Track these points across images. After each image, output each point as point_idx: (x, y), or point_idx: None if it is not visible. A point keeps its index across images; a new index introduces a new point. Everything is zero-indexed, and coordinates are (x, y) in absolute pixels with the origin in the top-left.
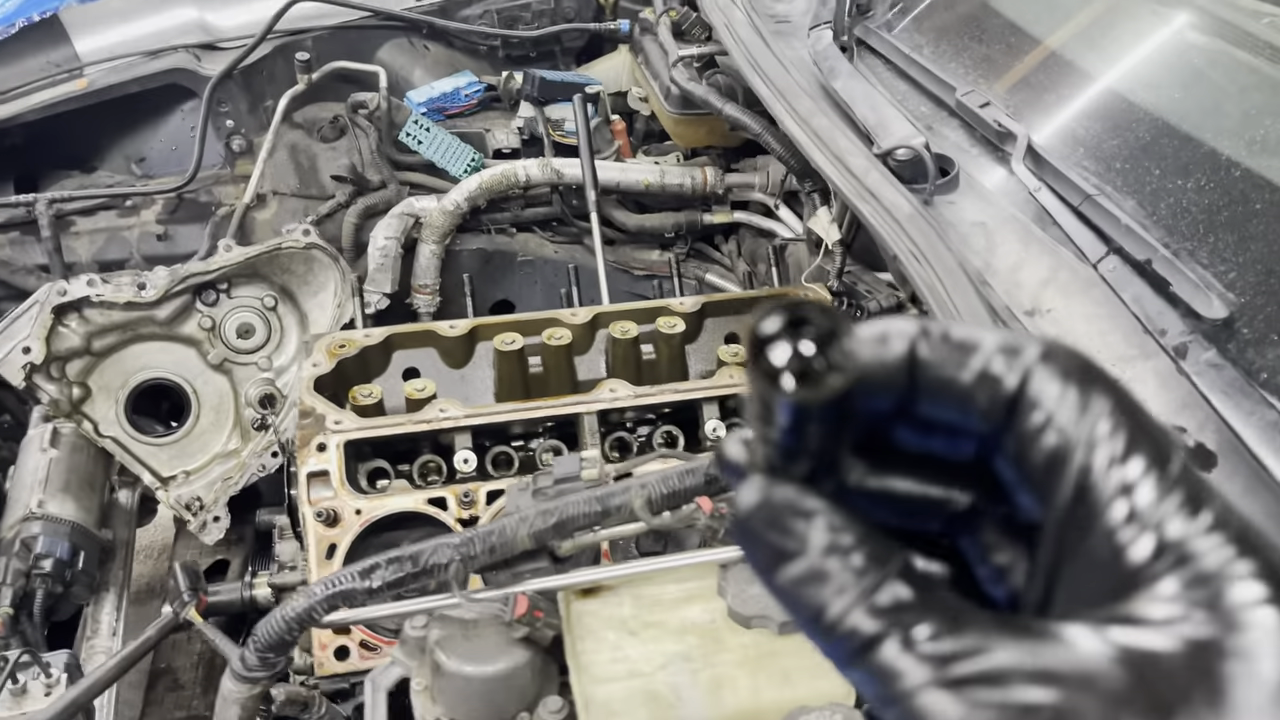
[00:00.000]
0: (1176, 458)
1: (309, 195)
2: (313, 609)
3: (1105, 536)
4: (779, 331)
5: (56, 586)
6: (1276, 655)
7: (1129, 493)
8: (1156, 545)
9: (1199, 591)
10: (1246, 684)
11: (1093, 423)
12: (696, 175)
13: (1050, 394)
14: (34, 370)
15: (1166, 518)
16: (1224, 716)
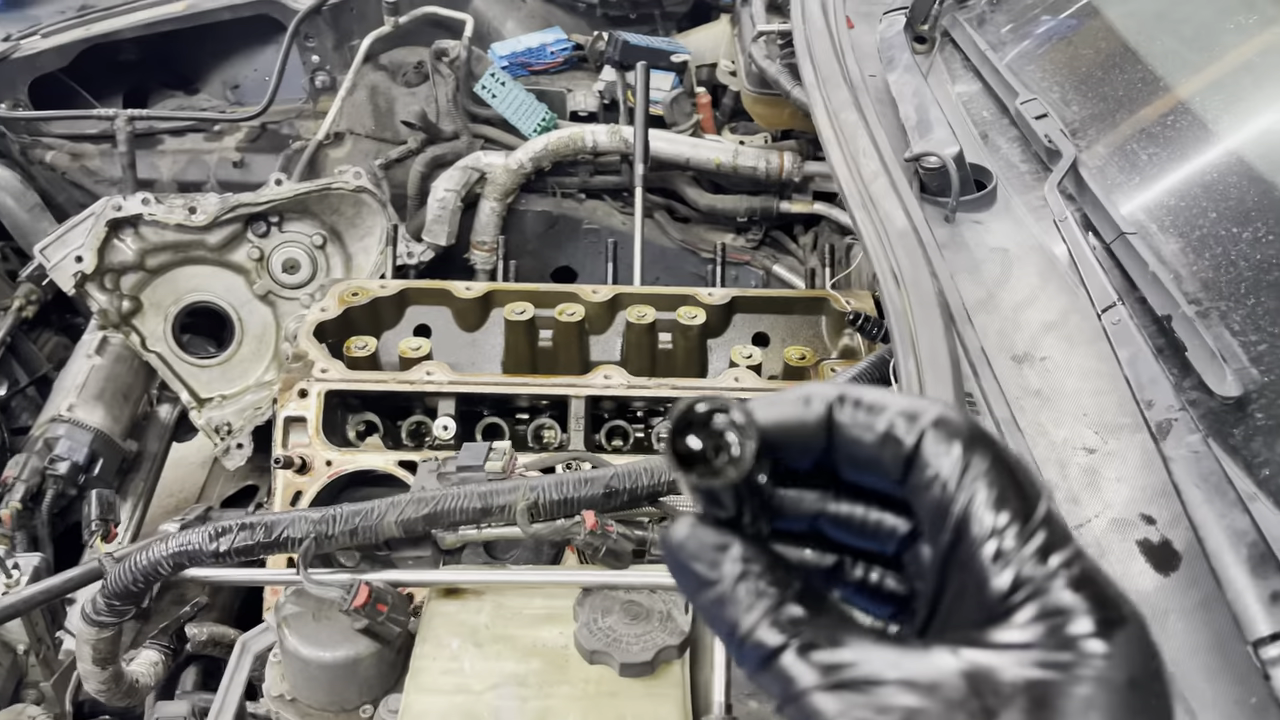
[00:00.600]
0: (1040, 508)
1: (383, 138)
2: (159, 563)
3: (975, 573)
4: (688, 426)
5: (69, 489)
6: (1097, 680)
7: (996, 538)
8: (1014, 581)
9: (1045, 622)
10: (1068, 699)
11: (971, 479)
12: (773, 159)
13: (938, 454)
14: (85, 279)
15: (1025, 560)
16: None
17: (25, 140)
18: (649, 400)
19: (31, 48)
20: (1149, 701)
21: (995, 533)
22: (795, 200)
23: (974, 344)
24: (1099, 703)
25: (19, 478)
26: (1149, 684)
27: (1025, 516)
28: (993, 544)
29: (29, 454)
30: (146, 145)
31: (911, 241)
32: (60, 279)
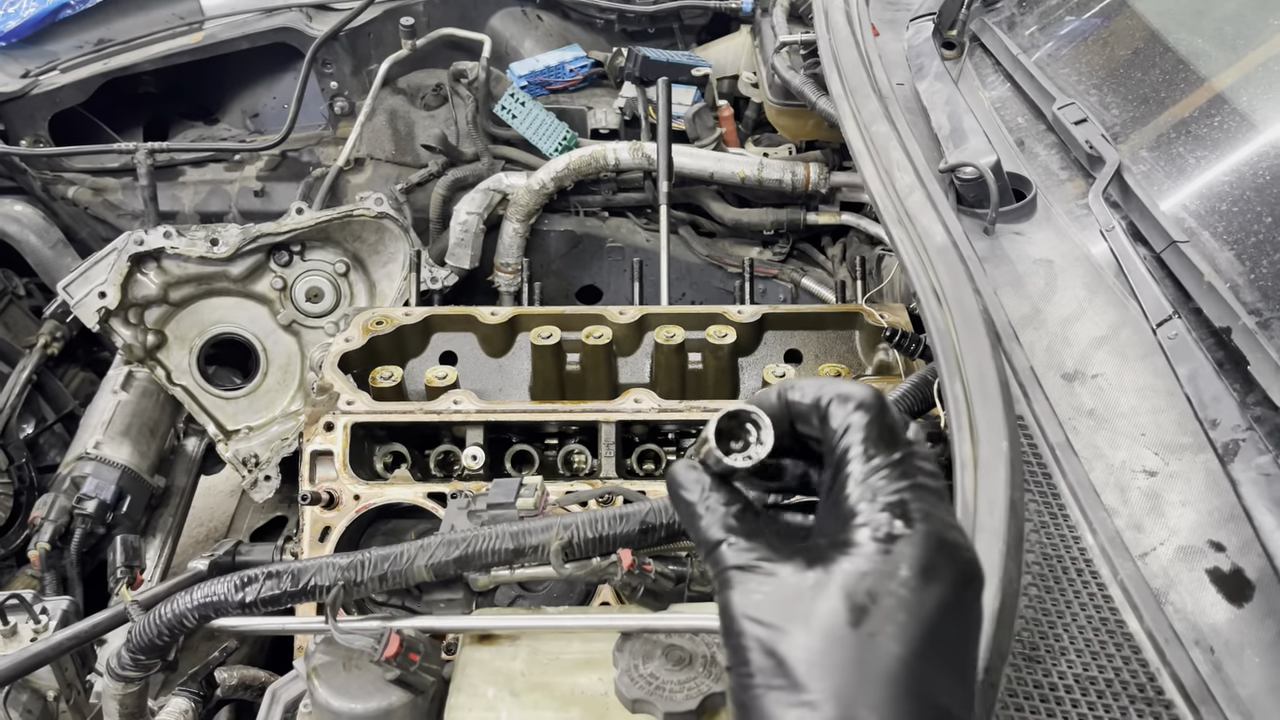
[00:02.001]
0: (893, 456)
1: (404, 162)
2: (184, 616)
3: (836, 495)
4: (720, 435)
5: (97, 528)
6: (869, 570)
7: (853, 473)
8: (851, 504)
9: (857, 531)
10: (846, 577)
11: (851, 433)
12: (799, 171)
13: (835, 415)
14: (109, 315)
15: (864, 488)
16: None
17: (47, 176)
18: (680, 423)
19: (51, 83)
20: (898, 587)
21: (853, 470)
22: (822, 211)
23: (1022, 363)
24: (858, 573)
25: (47, 518)
26: (905, 574)
27: (876, 457)
28: (849, 477)
29: (56, 493)
30: (168, 177)
31: (952, 257)
32: (84, 315)
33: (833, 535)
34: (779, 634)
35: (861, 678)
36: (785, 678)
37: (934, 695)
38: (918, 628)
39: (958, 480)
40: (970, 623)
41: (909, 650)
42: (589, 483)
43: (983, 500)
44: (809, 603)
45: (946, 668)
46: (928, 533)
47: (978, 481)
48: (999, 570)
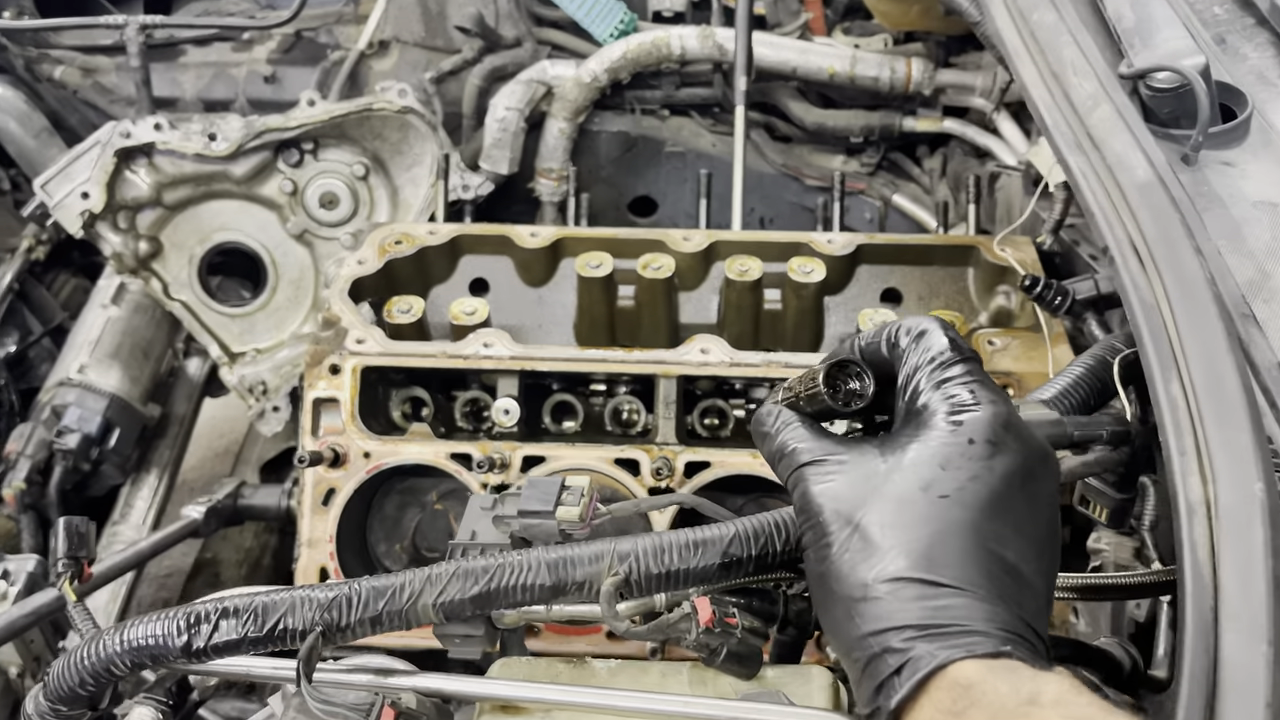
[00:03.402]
0: (951, 359)
1: (434, 47)
2: (111, 661)
3: (908, 398)
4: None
5: (81, 464)
6: (937, 444)
7: (919, 379)
8: (921, 401)
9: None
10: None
11: (917, 350)
12: (899, 67)
13: (903, 337)
14: (95, 218)
15: (931, 390)
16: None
17: (31, 54)
18: (753, 379)
19: None
20: (969, 454)
21: (922, 377)
22: (922, 116)
23: (1262, 353)
24: (930, 449)
25: (23, 452)
26: (974, 443)
27: (940, 365)
28: (920, 383)
29: (35, 423)
30: (167, 57)
31: (1160, 198)
32: (65, 219)
33: (908, 429)
34: (856, 507)
35: (932, 532)
36: (862, 541)
37: (1001, 551)
38: (986, 491)
39: (1182, 531)
40: (1041, 498)
41: (978, 511)
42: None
43: (1228, 571)
44: (884, 478)
45: (1016, 532)
46: (995, 411)
47: (1216, 540)
48: (1265, 687)
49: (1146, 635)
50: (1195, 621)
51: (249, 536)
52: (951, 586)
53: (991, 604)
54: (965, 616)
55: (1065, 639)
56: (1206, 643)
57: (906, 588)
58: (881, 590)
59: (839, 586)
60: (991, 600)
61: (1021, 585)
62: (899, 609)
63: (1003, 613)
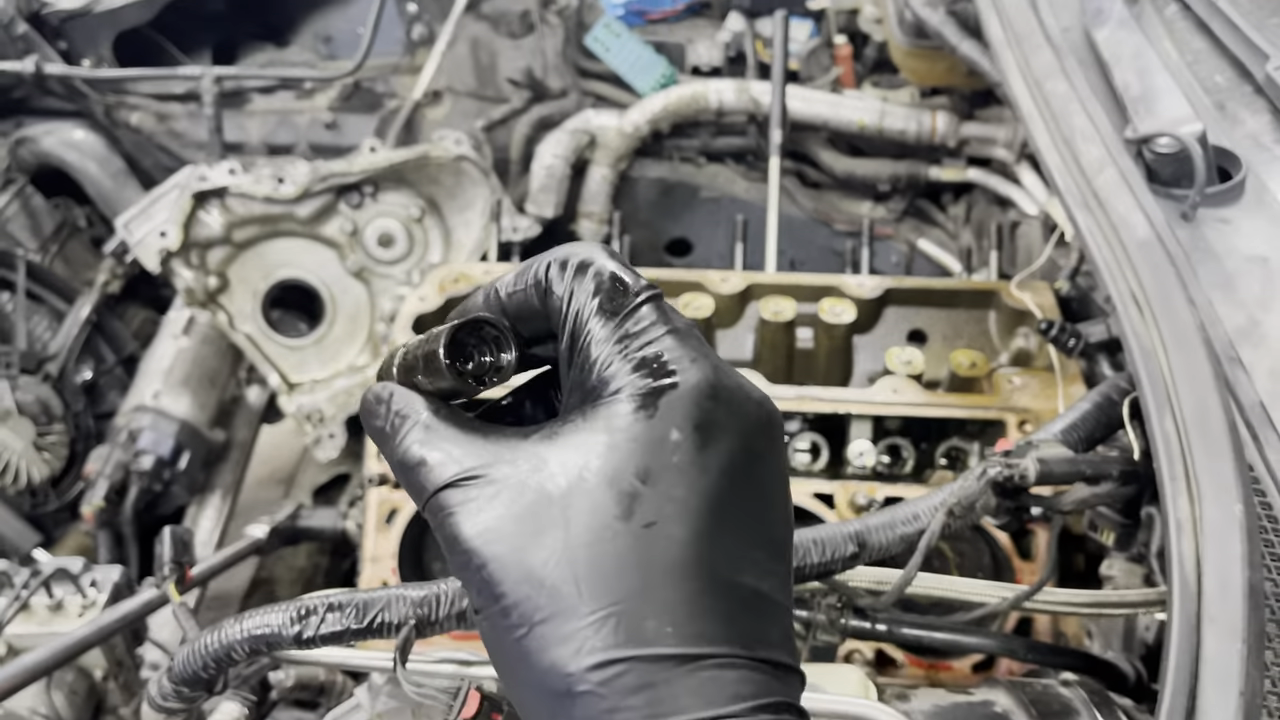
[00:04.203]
0: (628, 304)
1: (485, 96)
2: (232, 648)
3: (579, 364)
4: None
5: (154, 485)
6: (620, 428)
7: (591, 335)
8: (599, 369)
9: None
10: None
11: (578, 293)
12: (925, 120)
13: (555, 279)
14: (170, 256)
15: (609, 351)
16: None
17: (109, 100)
18: (787, 414)
19: (115, 0)
20: (672, 454)
21: (593, 330)
22: (947, 166)
23: (1246, 393)
24: (621, 452)
25: (102, 473)
26: (676, 437)
27: (613, 314)
28: (590, 339)
29: (112, 446)
30: (234, 105)
31: (1158, 255)
32: (145, 257)
33: (583, 415)
34: (529, 553)
35: (644, 581)
36: (551, 606)
37: (735, 577)
38: (703, 500)
39: (1172, 548)
40: (769, 479)
41: (697, 534)
42: None
43: (1211, 581)
44: (564, 503)
45: (748, 540)
46: (697, 382)
47: (1201, 554)
48: (1239, 678)
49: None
50: (1180, 624)
51: (302, 557)
52: (683, 656)
53: (738, 668)
54: (707, 702)
55: (1078, 651)
56: (1190, 643)
57: (628, 673)
58: (590, 682)
59: (530, 674)
60: (737, 662)
61: (767, 612)
62: (619, 705)
63: (754, 675)
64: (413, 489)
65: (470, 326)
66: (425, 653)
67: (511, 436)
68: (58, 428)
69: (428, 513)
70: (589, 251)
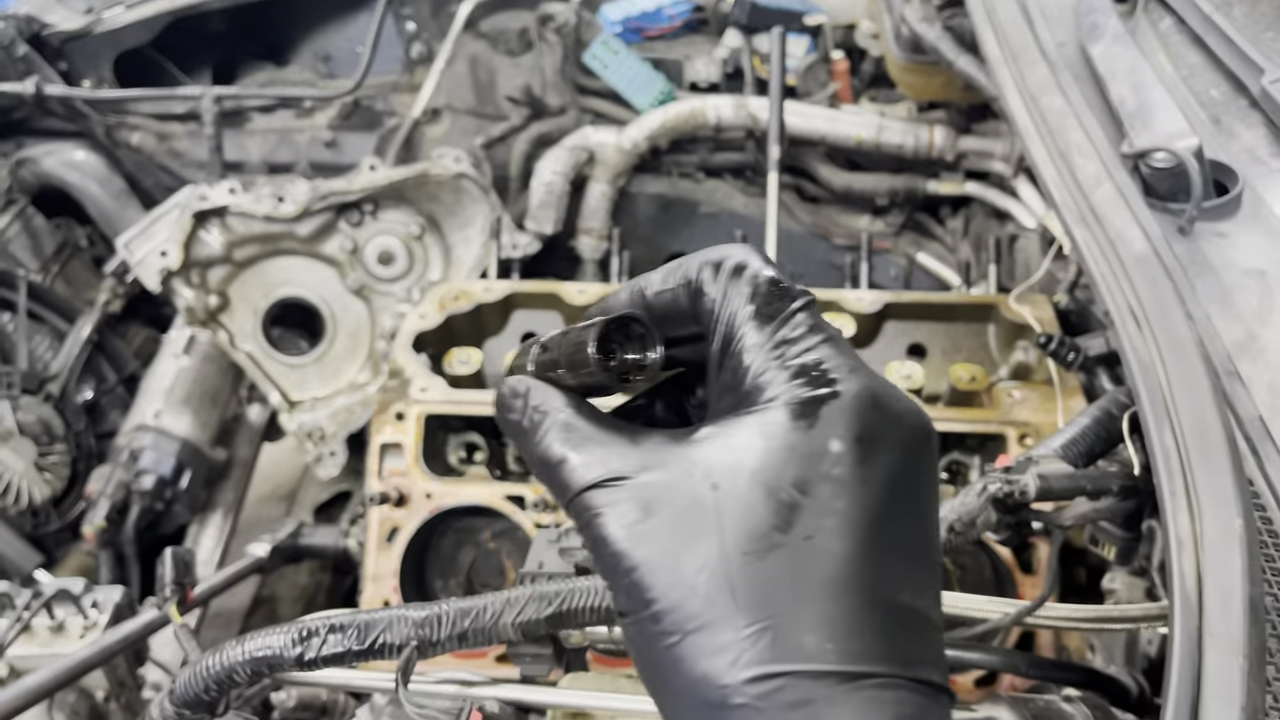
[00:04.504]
0: (785, 310)
1: (484, 114)
2: (234, 670)
3: (730, 369)
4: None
5: (156, 504)
6: (779, 439)
7: (745, 340)
8: (752, 375)
9: (764, 404)
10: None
11: (732, 297)
12: (922, 135)
13: (708, 281)
14: (171, 275)
15: (765, 357)
16: None
17: (110, 121)
18: None
19: (115, 21)
20: (834, 465)
21: (747, 336)
22: (945, 179)
23: (1246, 409)
24: (778, 460)
25: (103, 492)
26: (839, 448)
27: (769, 318)
28: (743, 346)
29: (114, 465)
30: (235, 124)
31: (1155, 270)
32: (145, 276)
33: (735, 422)
34: (681, 559)
35: (802, 595)
36: (706, 615)
37: (893, 595)
38: (864, 514)
39: (1173, 563)
40: (926, 494)
41: (858, 548)
42: None
43: (1212, 596)
44: (717, 510)
45: (905, 556)
46: (858, 392)
47: (1202, 569)
48: (1240, 694)
49: (1157, 670)
50: (1182, 640)
51: (304, 574)
52: (845, 675)
53: (895, 687)
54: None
55: (1081, 666)
56: (1192, 659)
57: (786, 688)
58: (750, 694)
59: (681, 684)
60: (895, 681)
61: (922, 630)
62: None
63: (907, 695)
64: (554, 486)
65: (618, 323)
66: (428, 673)
67: (657, 438)
68: (59, 448)
69: (571, 511)
70: (744, 254)
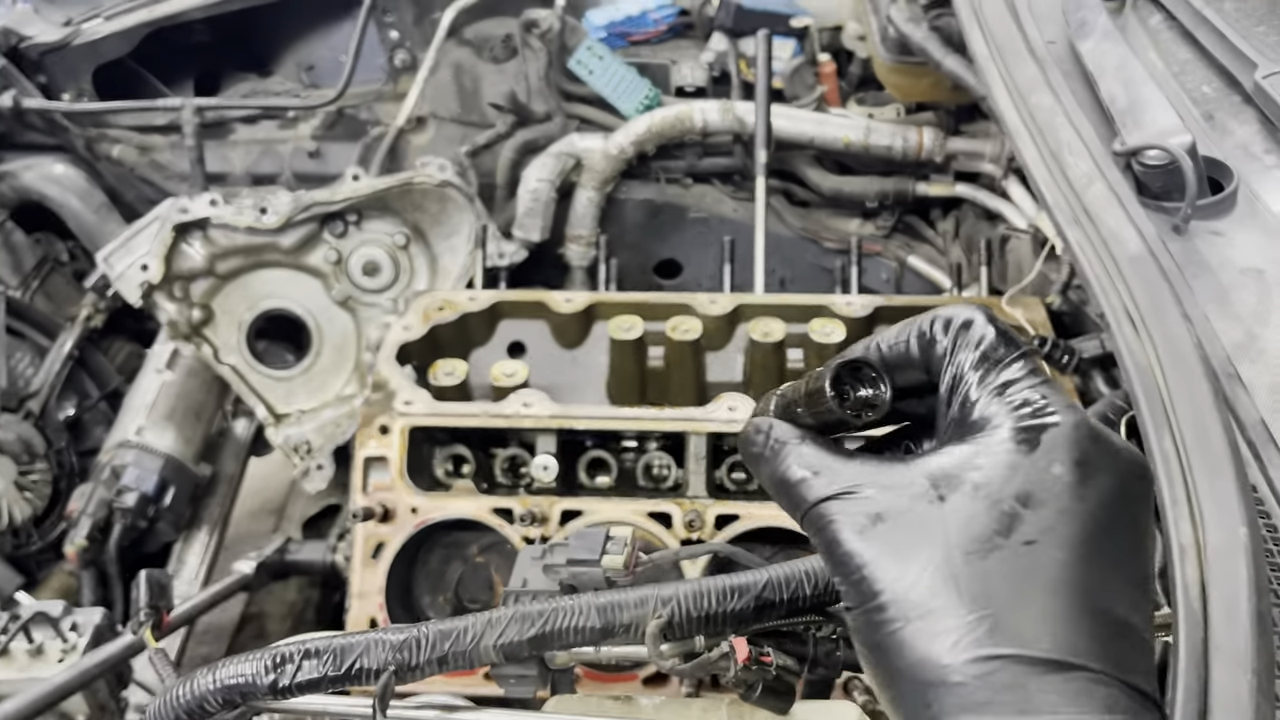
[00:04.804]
0: (1008, 358)
1: (469, 122)
2: (204, 699)
3: (957, 405)
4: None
5: (138, 522)
6: (1008, 465)
7: (970, 381)
8: (977, 410)
9: (989, 434)
10: (985, 474)
11: (960, 346)
12: (911, 136)
13: (939, 332)
14: (153, 289)
15: (987, 394)
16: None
17: (90, 134)
18: None
19: (94, 32)
20: (1053, 483)
21: (971, 379)
22: (934, 181)
23: (1248, 413)
24: (1001, 476)
25: (85, 511)
26: (1058, 469)
27: (995, 363)
28: (969, 386)
29: (95, 483)
30: (217, 135)
31: (1151, 270)
32: (126, 290)
33: (959, 446)
34: (909, 557)
35: (1021, 592)
36: (929, 604)
37: (1108, 605)
38: (1082, 529)
39: (1175, 572)
40: (1141, 525)
41: (1075, 556)
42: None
43: (1217, 608)
44: (942, 517)
45: (1120, 575)
46: (1077, 423)
47: (1206, 579)
48: (1249, 711)
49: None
50: (1188, 653)
51: (293, 591)
52: (1057, 663)
53: (1107, 685)
54: (1080, 708)
55: None
56: (1198, 673)
57: (1002, 670)
58: (969, 673)
59: (903, 664)
60: (1107, 679)
61: (1135, 642)
62: (992, 699)
63: (1119, 695)
64: (792, 503)
65: (851, 365)
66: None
67: (887, 460)
68: (40, 466)
69: (806, 523)
70: (972, 312)
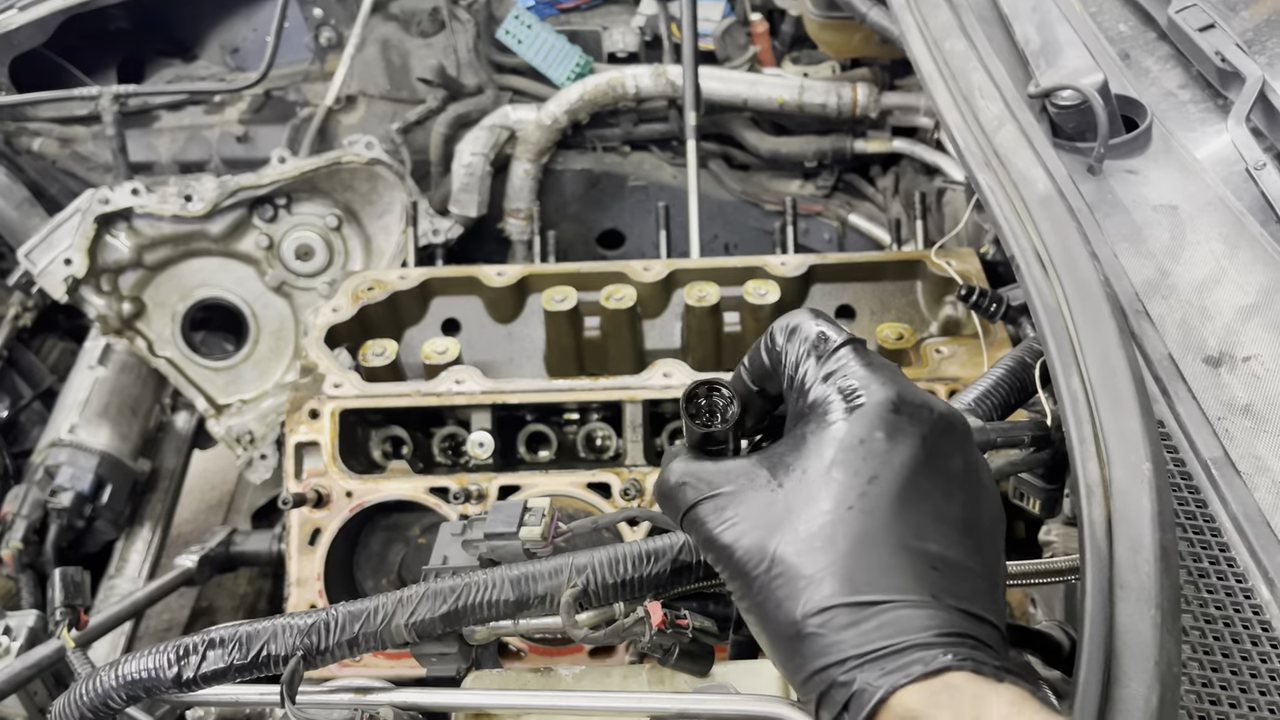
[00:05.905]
0: (830, 349)
1: (399, 98)
2: (108, 696)
3: (795, 394)
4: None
5: (75, 521)
6: (831, 437)
7: (803, 373)
8: (811, 396)
9: (818, 414)
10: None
11: (793, 346)
12: (845, 93)
13: (778, 335)
14: (78, 283)
15: (817, 382)
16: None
17: (9, 128)
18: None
19: (8, 23)
20: (864, 453)
21: (809, 372)
22: (871, 138)
23: (1156, 348)
24: (825, 455)
25: (19, 513)
26: (866, 440)
27: (819, 357)
28: (805, 379)
29: (29, 484)
30: (142, 124)
31: (1059, 210)
32: (49, 285)
33: (801, 431)
34: (764, 540)
35: (848, 549)
36: (782, 575)
37: (922, 546)
38: (890, 489)
39: (1083, 512)
40: (952, 472)
41: (887, 512)
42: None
43: (1122, 545)
44: (784, 500)
45: (936, 519)
46: (883, 397)
47: (1112, 516)
48: (1154, 647)
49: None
50: (1094, 592)
51: (243, 583)
52: (880, 602)
53: (924, 608)
54: (900, 631)
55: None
56: (1104, 612)
57: (837, 615)
58: (813, 625)
59: (771, 627)
60: (924, 604)
61: (954, 573)
62: (834, 641)
63: (939, 614)
64: (674, 510)
65: (707, 385)
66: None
67: (743, 461)
68: None
69: (685, 525)
70: (800, 317)
